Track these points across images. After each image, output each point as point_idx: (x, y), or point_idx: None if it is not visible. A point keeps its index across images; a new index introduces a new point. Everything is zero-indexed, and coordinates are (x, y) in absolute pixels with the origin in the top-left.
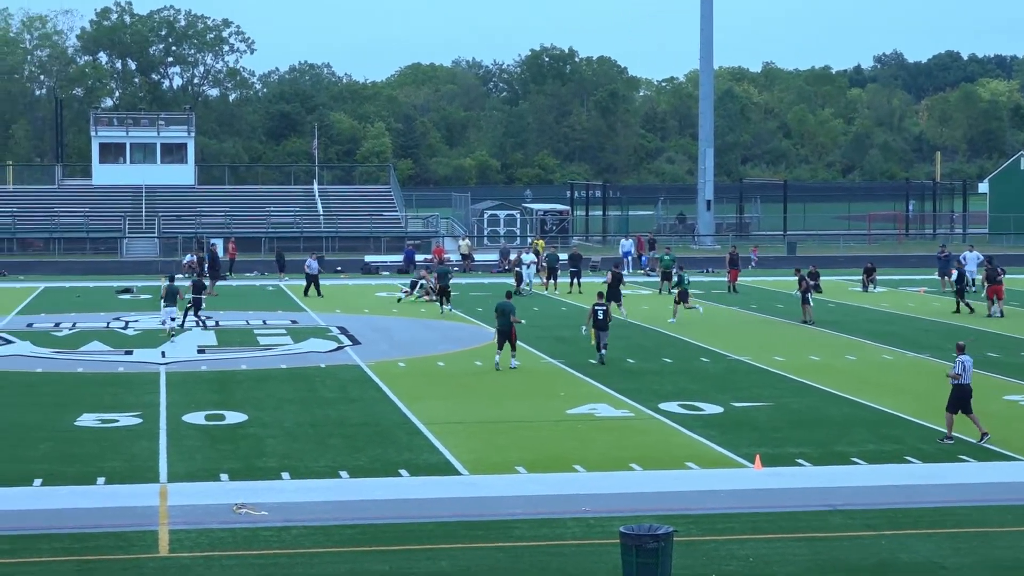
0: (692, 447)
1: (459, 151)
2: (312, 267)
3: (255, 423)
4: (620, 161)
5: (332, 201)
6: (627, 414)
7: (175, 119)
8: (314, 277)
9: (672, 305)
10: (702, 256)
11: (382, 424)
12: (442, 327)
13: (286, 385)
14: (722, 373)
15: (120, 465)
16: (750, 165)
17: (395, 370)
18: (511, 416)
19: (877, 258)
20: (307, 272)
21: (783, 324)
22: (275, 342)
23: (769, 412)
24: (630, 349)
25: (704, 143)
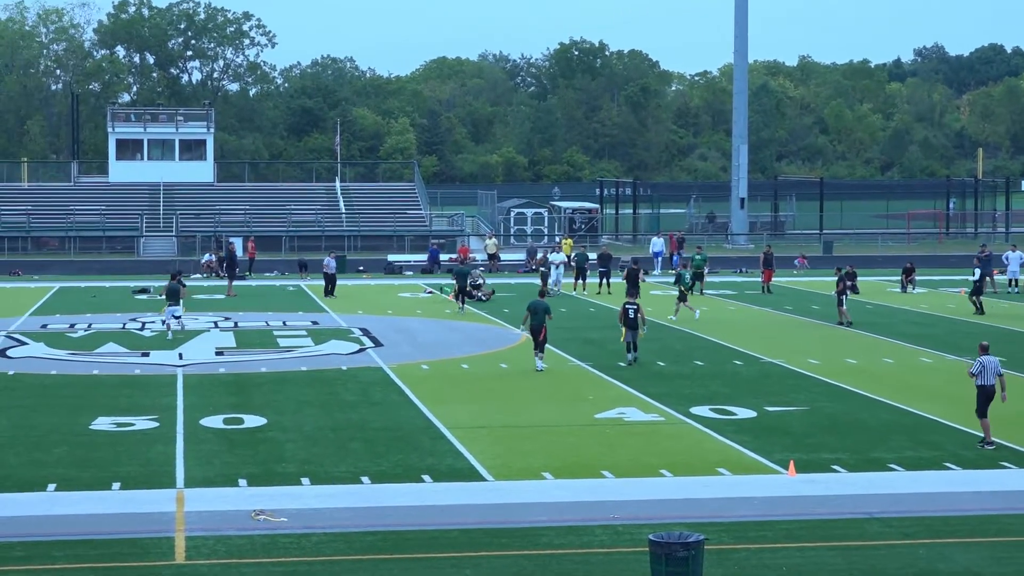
0: (724, 453)
1: (485, 147)
2: (330, 266)
3: (274, 427)
4: (651, 158)
5: (355, 199)
6: (657, 418)
7: (194, 115)
8: (331, 276)
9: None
10: (735, 256)
11: (404, 428)
12: (466, 329)
13: (306, 388)
14: (755, 376)
15: (136, 470)
16: (785, 162)
17: (418, 373)
18: (537, 420)
19: (916, 258)
20: (324, 272)
21: (818, 326)
22: (295, 344)
23: (804, 417)
24: (661, 351)
25: (738, 139)
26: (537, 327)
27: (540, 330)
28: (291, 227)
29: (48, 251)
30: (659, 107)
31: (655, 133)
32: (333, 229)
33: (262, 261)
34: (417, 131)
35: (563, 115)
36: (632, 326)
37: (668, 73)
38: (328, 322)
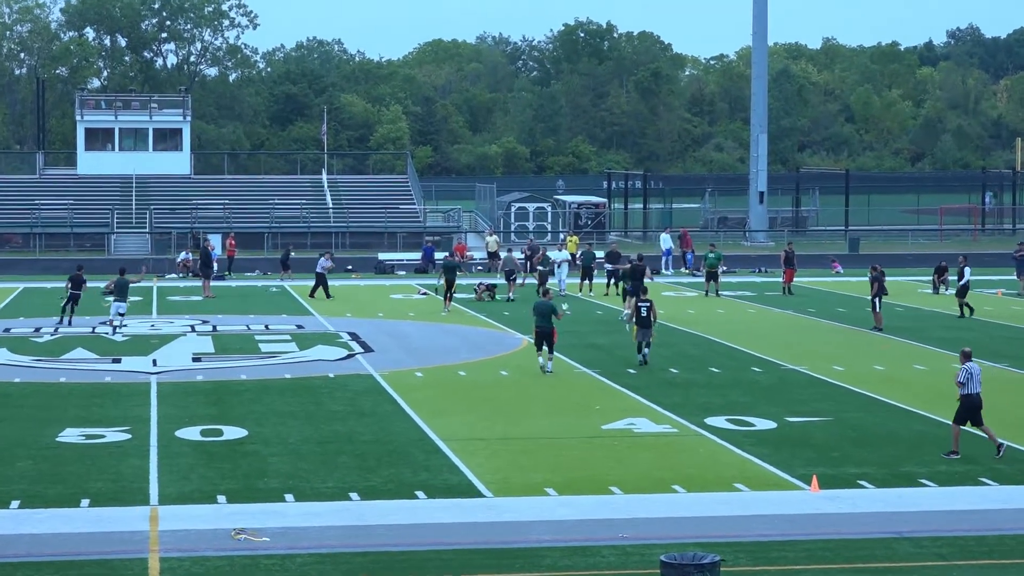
0: (742, 467)
1: (484, 137)
2: (322, 266)
3: (256, 439)
4: (663, 148)
5: (343, 192)
6: (669, 430)
7: (169, 102)
8: (321, 276)
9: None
10: (754, 254)
11: (397, 441)
12: (463, 333)
13: (290, 397)
14: (776, 384)
15: (106, 486)
16: (808, 153)
17: (412, 381)
18: (540, 432)
19: (949, 256)
20: (317, 271)
21: (844, 330)
22: (278, 349)
23: (828, 428)
24: (674, 357)
25: (757, 128)
26: (544, 331)
27: (549, 332)
28: (274, 223)
29: (11, 249)
30: (671, 93)
31: (667, 121)
32: (320, 225)
33: (242, 260)
34: (410, 119)
35: (568, 102)
36: (644, 325)
37: (681, 57)
38: (314, 326)
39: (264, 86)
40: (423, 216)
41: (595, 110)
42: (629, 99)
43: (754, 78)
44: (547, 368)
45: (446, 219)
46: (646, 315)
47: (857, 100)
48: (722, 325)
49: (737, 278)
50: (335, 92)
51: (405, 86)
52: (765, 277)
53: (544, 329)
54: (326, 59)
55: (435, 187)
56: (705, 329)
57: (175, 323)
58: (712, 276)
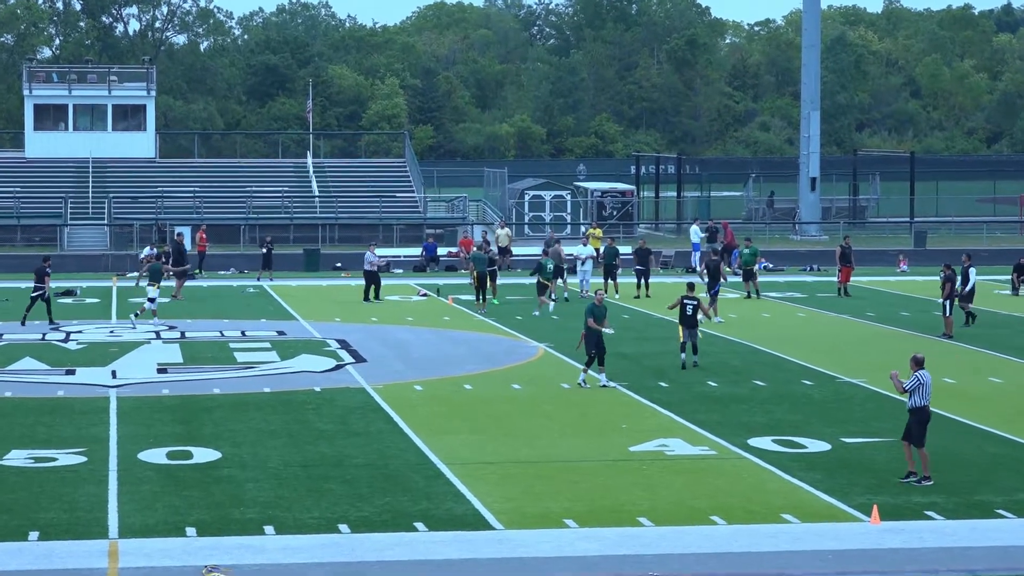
0: (791, 495)
1: (493, 115)
2: (370, 261)
3: (231, 462)
4: (700, 128)
5: (331, 179)
6: (707, 452)
7: (131, 74)
8: (372, 275)
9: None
10: (804, 250)
11: (393, 464)
12: (470, 340)
13: (270, 414)
14: (830, 400)
15: (59, 516)
16: (867, 133)
17: (410, 395)
18: (558, 454)
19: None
20: (365, 268)
21: (909, 337)
22: (257, 359)
23: (890, 450)
24: (712, 368)
25: (808, 104)
26: (599, 337)
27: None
28: (252, 214)
29: None
30: (709, 64)
31: (704, 97)
32: (304, 216)
33: (215, 256)
34: (408, 94)
35: (590, 75)
36: (691, 324)
37: (721, 22)
38: (298, 332)
39: (240, 56)
40: (423, 206)
41: (621, 84)
42: (661, 71)
43: (805, 47)
44: (602, 382)
45: (450, 209)
46: (692, 314)
47: (924, 72)
48: (768, 331)
49: (785, 277)
50: (322, 63)
51: (402, 56)
52: (818, 276)
53: (597, 335)
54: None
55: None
56: (748, 335)
57: (137, 329)
58: (749, 275)
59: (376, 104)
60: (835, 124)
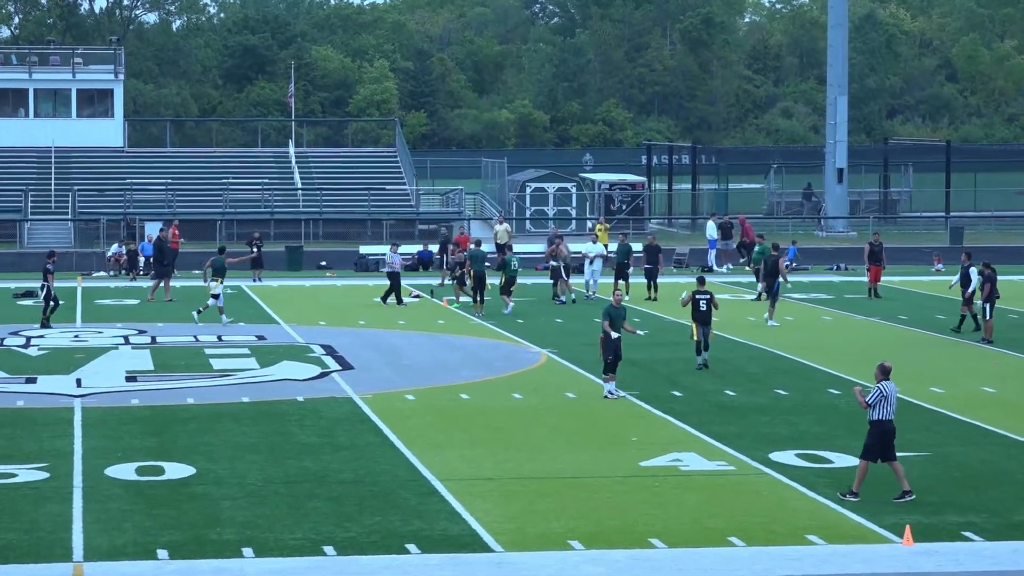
0: (816, 514)
1: (492, 100)
2: (395, 263)
3: (206, 479)
4: (716, 114)
5: (315, 170)
6: (725, 467)
7: (97, 56)
8: (395, 277)
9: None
10: (831, 246)
11: (383, 480)
12: (467, 346)
13: (249, 426)
14: (858, 410)
15: (18, 537)
16: (899, 119)
17: (401, 405)
18: (563, 470)
19: None
20: (389, 269)
21: (945, 342)
22: (234, 366)
23: (924, 465)
24: (730, 376)
25: (835, 89)
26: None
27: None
28: (228, 208)
29: None
30: (727, 45)
31: (722, 81)
32: (286, 210)
33: (189, 253)
34: (400, 78)
35: (597, 57)
36: (704, 320)
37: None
38: (279, 336)
39: (216, 36)
40: (415, 199)
41: (631, 66)
42: (674, 52)
43: (831, 26)
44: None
45: (444, 203)
46: (706, 309)
47: (961, 53)
48: (791, 335)
49: (810, 276)
50: (305, 44)
51: (393, 36)
52: (845, 275)
53: (617, 339)
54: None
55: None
56: (769, 340)
57: (104, 333)
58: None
59: (364, 89)
60: (864, 110)
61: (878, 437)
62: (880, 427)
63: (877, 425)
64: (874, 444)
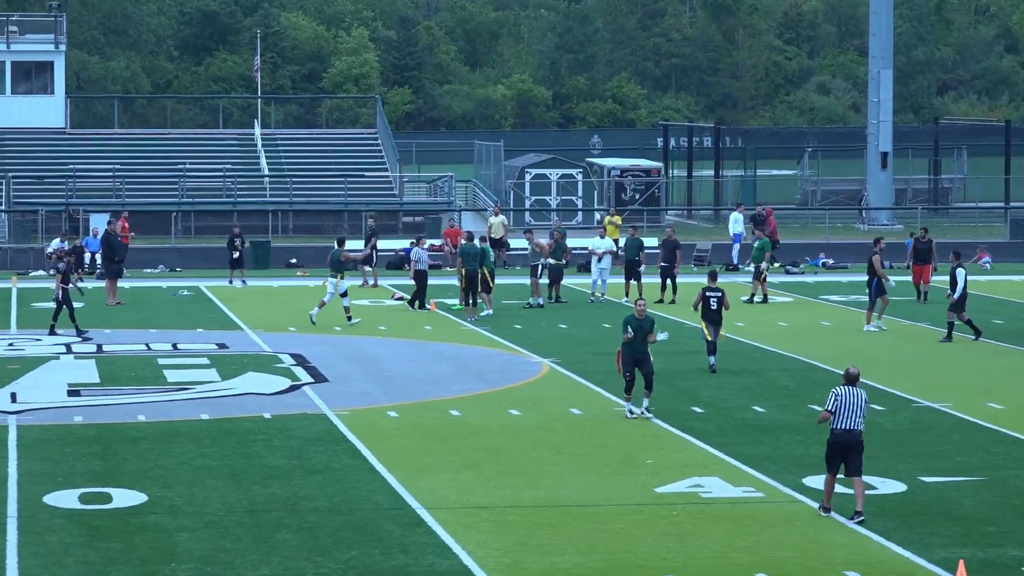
0: (856, 547)
1: (486, 75)
2: (421, 260)
3: (159, 507)
4: (743, 91)
5: (284, 154)
6: (753, 494)
7: (35, 23)
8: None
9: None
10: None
11: (361, 509)
12: (458, 355)
13: (209, 447)
14: (905, 429)
15: None
16: (951, 96)
17: (383, 423)
18: (567, 497)
19: None
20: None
21: (1005, 351)
22: (192, 378)
23: (980, 492)
24: (758, 389)
25: (878, 62)
26: (641, 354)
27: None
28: (185, 197)
29: None
30: (754, 12)
31: (749, 52)
32: (251, 200)
33: (140, 249)
34: (381, 49)
35: (606, 25)
36: (716, 320)
37: None
38: (243, 344)
39: (171, 2)
40: (399, 188)
41: (645, 36)
42: (694, 20)
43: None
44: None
45: (432, 192)
46: (717, 308)
47: (1022, 21)
48: (827, 343)
49: (849, 276)
50: (273, 10)
51: (373, 1)
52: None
53: (640, 354)
54: None
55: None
56: (803, 349)
57: (43, 341)
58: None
59: (340, 61)
60: (911, 86)
61: (831, 447)
62: (834, 438)
63: (831, 436)
64: (829, 454)
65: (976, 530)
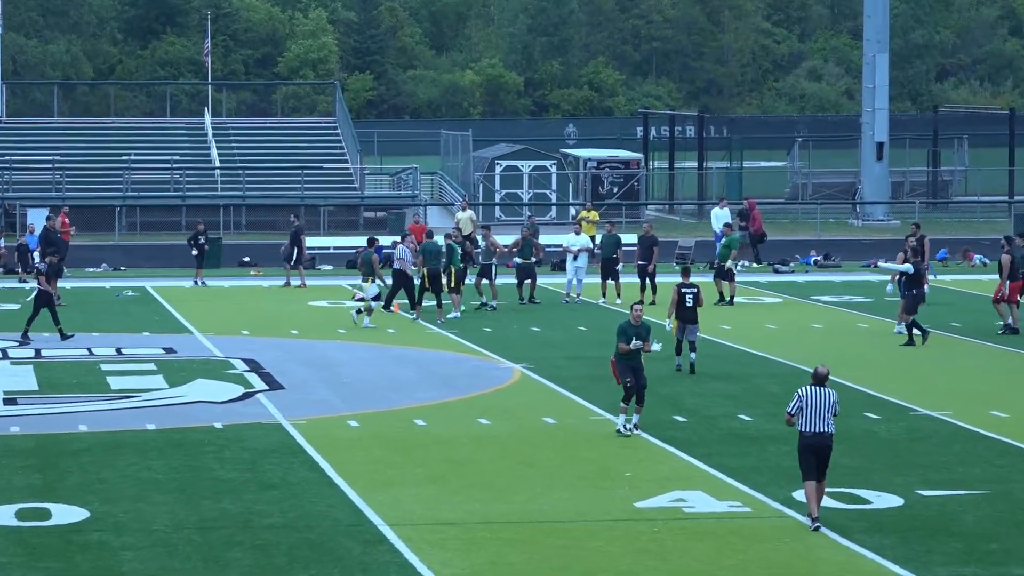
0: (850, 565)
1: (454, 59)
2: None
3: (102, 524)
4: (728, 77)
5: (237, 145)
6: (739, 508)
7: None
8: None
9: None
10: (868, 238)
11: (320, 526)
12: (424, 360)
13: (155, 459)
14: (902, 439)
15: None
16: (951, 82)
17: (342, 433)
18: (540, 513)
19: None
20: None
21: (1009, 355)
22: (137, 385)
23: (983, 506)
24: (744, 396)
25: (874, 46)
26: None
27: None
28: (130, 191)
29: None
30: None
31: (735, 35)
32: (201, 193)
33: (82, 247)
34: (340, 32)
35: (582, 6)
36: (690, 319)
37: None
38: (192, 349)
39: None
40: (360, 181)
41: (624, 18)
42: (677, 1)
43: None
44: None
45: (395, 185)
46: (692, 305)
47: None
48: (819, 347)
49: (842, 275)
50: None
51: None
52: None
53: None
54: None
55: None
56: (792, 354)
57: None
58: (724, 274)
59: (297, 45)
60: (909, 71)
61: (802, 452)
62: (803, 441)
63: (800, 439)
64: (801, 460)
65: (978, 547)
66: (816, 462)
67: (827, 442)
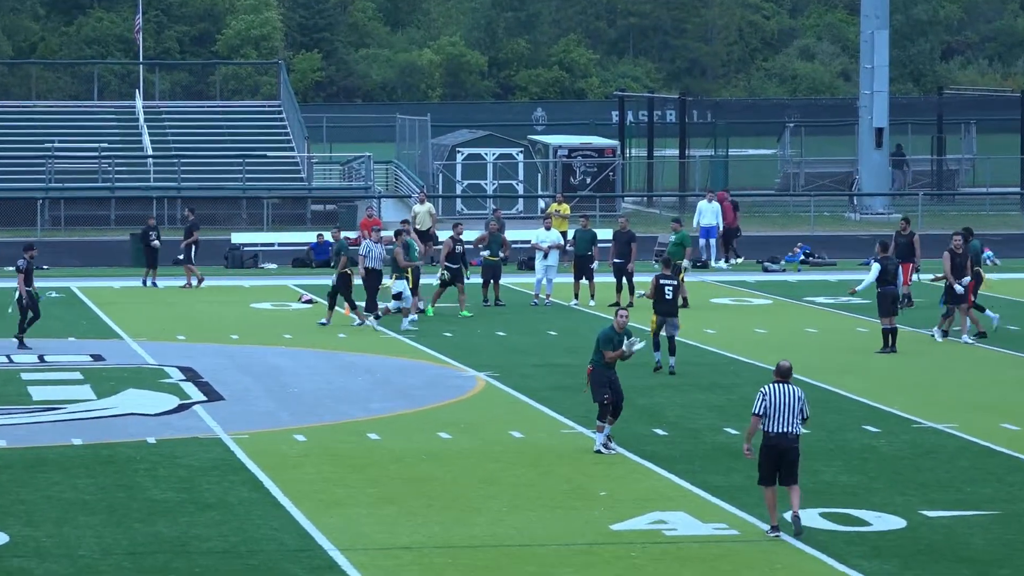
0: None
1: (410, 36)
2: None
3: (22, 549)
4: (713, 56)
5: (171, 131)
6: (725, 531)
7: None
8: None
9: None
10: (866, 233)
11: (263, 550)
12: (377, 367)
13: (82, 477)
14: (904, 454)
15: None
16: (957, 62)
17: (288, 449)
18: (507, 536)
19: None
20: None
21: (1018, 361)
22: (62, 396)
23: (993, 528)
24: (731, 407)
25: (872, 22)
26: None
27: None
28: (54, 182)
29: None
30: None
31: (720, 10)
32: (132, 184)
33: (0, 243)
34: (286, 6)
35: None
36: (669, 312)
37: None
38: (122, 356)
39: None
40: (307, 170)
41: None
42: None
43: None
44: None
45: (346, 175)
46: (671, 298)
47: None
48: (813, 353)
49: (838, 274)
50: None
51: None
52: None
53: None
54: None
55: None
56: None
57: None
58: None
59: (237, 21)
60: (911, 50)
61: (764, 454)
62: (766, 442)
63: (763, 440)
64: (761, 463)
65: (988, 573)
66: (779, 467)
67: (792, 444)
